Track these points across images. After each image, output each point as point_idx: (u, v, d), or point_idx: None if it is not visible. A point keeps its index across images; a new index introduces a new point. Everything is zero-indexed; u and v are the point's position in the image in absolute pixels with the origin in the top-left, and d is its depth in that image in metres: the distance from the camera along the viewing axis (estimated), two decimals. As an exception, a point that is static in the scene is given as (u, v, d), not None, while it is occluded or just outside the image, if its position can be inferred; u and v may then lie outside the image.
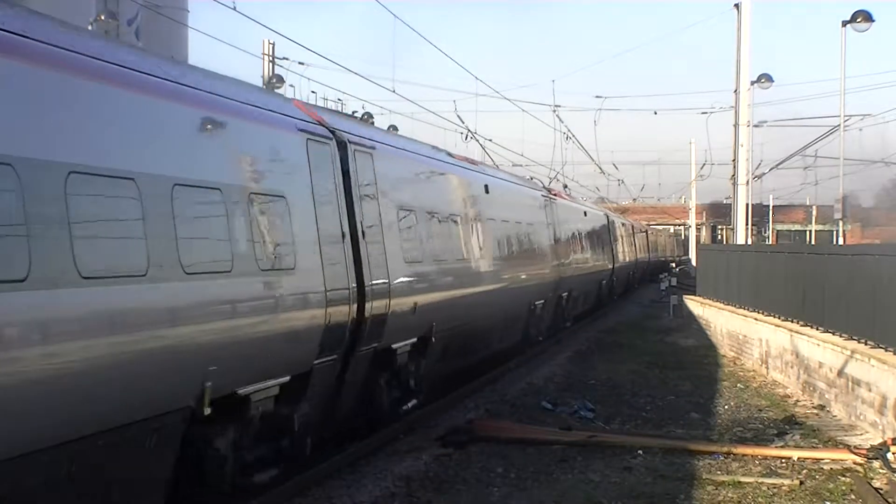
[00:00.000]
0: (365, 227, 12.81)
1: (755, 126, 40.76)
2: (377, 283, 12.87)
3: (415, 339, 14.69)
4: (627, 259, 49.08)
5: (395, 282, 13.62)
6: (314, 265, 11.24)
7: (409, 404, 14.74)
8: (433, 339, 15.34)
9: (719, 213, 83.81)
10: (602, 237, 38.72)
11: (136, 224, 8.03)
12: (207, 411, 8.85)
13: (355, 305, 12.17)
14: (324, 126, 12.50)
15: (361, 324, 12.37)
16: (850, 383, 16.01)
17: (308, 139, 11.78)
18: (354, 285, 12.18)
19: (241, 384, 9.61)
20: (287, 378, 10.59)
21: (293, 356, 10.83)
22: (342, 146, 12.71)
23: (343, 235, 12.14)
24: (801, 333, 19.14)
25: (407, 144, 16.81)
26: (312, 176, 11.64)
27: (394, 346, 13.79)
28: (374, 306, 12.65)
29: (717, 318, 27.85)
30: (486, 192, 20.18)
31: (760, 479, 12.07)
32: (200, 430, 9.06)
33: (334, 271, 11.67)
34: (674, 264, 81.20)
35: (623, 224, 51.12)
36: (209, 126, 9.67)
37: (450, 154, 19.62)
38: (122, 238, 7.96)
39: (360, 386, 13.20)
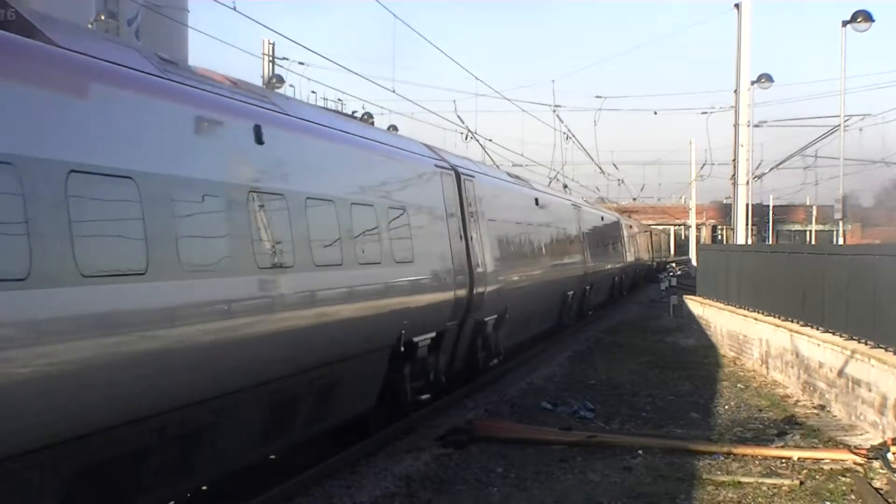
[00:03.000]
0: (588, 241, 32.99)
1: (755, 126, 40.78)
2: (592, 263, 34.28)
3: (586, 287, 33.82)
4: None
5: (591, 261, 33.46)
6: (577, 254, 30.85)
7: (591, 311, 35.23)
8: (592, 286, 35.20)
9: (720, 212, 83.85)
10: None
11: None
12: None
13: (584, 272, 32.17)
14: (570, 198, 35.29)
15: (587, 275, 31.89)
16: (850, 383, 16.01)
17: (573, 206, 31.52)
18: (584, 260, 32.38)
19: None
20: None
21: (571, 284, 29.41)
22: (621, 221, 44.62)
23: (574, 241, 30.64)
24: (801, 333, 19.14)
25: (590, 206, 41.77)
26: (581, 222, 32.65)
27: (587, 287, 33.02)
28: (591, 276, 32.61)
29: (717, 318, 27.86)
30: (604, 220, 40.10)
31: (760, 480, 12.07)
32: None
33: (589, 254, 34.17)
34: (674, 264, 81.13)
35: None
36: (575, 213, 33.15)
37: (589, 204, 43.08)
38: None
39: (578, 301, 31.33)
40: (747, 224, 35.25)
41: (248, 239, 9.39)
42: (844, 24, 29.50)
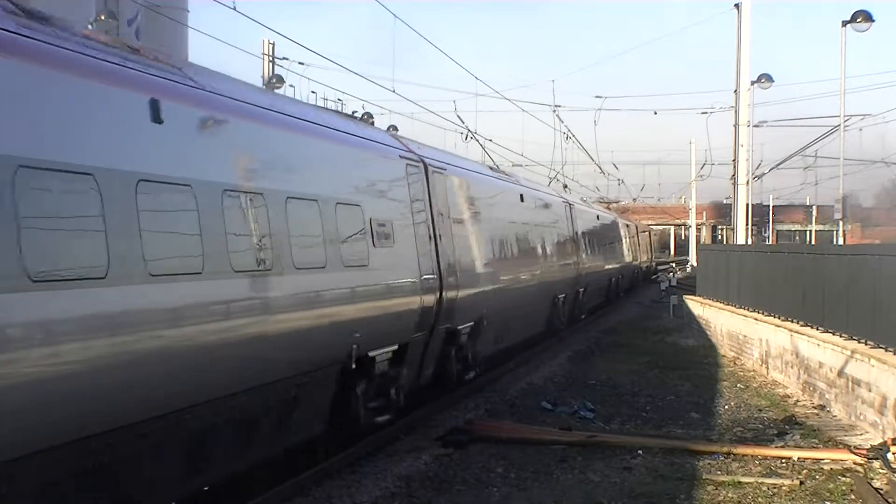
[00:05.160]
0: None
1: (755, 126, 40.82)
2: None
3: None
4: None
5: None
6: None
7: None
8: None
9: (720, 212, 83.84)
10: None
11: None
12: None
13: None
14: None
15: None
16: (850, 383, 16.01)
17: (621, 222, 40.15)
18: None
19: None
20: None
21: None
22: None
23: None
24: (801, 333, 19.14)
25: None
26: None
27: (613, 278, 41.59)
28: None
29: (717, 318, 27.85)
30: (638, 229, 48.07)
31: (760, 479, 12.07)
32: None
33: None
34: (674, 264, 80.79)
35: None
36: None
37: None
38: None
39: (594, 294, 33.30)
40: (747, 224, 35.26)
41: None
42: (844, 24, 29.52)
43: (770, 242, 70.00)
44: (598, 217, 40.46)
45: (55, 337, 7.05)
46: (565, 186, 45.11)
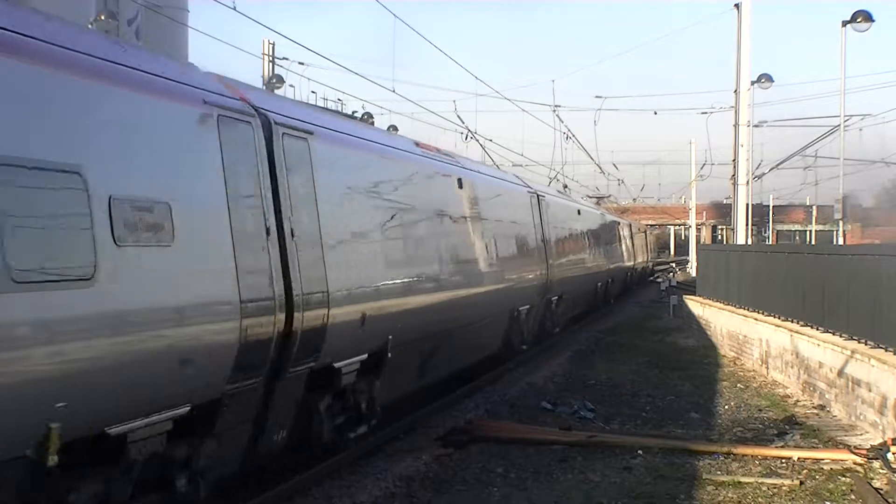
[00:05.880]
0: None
1: (755, 126, 40.86)
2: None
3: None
4: None
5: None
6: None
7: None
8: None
9: (720, 212, 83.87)
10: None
11: None
12: None
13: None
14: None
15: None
16: (850, 383, 16.01)
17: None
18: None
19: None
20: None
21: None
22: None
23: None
24: (801, 333, 19.13)
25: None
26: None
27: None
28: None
29: (717, 318, 27.85)
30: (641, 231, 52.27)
31: (760, 479, 12.07)
32: None
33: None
34: (674, 264, 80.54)
35: None
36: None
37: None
38: None
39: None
40: (747, 224, 35.28)
41: None
42: (844, 24, 29.53)
43: (770, 242, 69.99)
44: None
45: None
46: (565, 186, 45.11)
